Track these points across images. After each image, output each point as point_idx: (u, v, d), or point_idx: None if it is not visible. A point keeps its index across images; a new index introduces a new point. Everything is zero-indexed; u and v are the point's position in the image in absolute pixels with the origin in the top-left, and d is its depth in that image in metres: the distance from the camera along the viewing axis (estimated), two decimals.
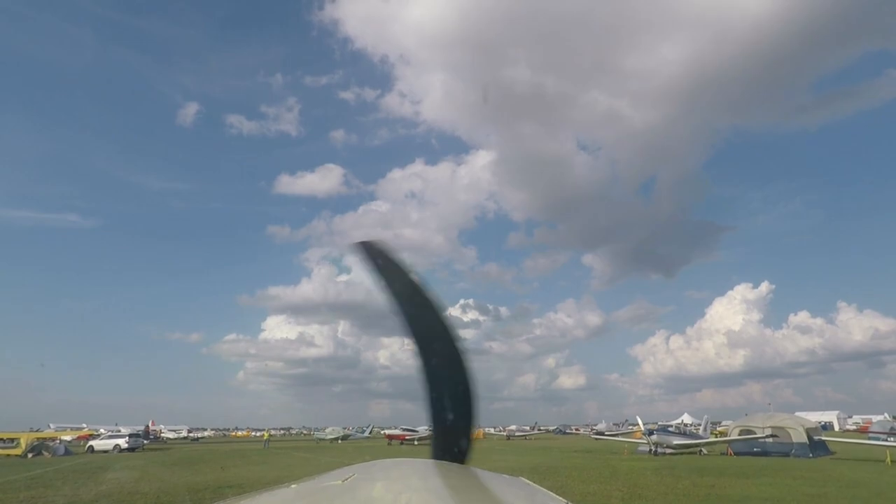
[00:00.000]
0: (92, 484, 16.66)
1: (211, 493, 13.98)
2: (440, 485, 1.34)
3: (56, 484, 16.70)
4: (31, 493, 14.22)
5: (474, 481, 1.50)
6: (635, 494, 13.27)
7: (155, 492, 14.22)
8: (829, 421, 73.42)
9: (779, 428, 27.95)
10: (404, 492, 1.17)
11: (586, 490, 14.10)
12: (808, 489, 13.99)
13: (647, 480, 16.24)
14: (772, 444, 27.50)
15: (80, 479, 18.06)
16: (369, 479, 1.37)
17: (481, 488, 1.42)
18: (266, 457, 30.84)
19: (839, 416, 79.46)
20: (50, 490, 15.04)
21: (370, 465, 1.62)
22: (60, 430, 53.13)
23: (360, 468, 1.52)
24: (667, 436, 31.84)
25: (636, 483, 15.53)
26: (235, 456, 32.36)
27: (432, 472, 1.52)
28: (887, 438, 31.44)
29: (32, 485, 16.30)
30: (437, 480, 1.41)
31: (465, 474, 1.56)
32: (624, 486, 14.94)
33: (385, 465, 1.64)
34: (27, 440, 36.21)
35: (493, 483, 1.50)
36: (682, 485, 15.05)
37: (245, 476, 18.26)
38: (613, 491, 13.91)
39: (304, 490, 1.29)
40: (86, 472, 21.30)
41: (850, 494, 13.36)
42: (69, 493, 14.56)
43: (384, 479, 1.36)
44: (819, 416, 64.13)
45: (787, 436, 27.42)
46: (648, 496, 13.05)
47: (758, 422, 29.67)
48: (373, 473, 1.46)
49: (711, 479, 16.21)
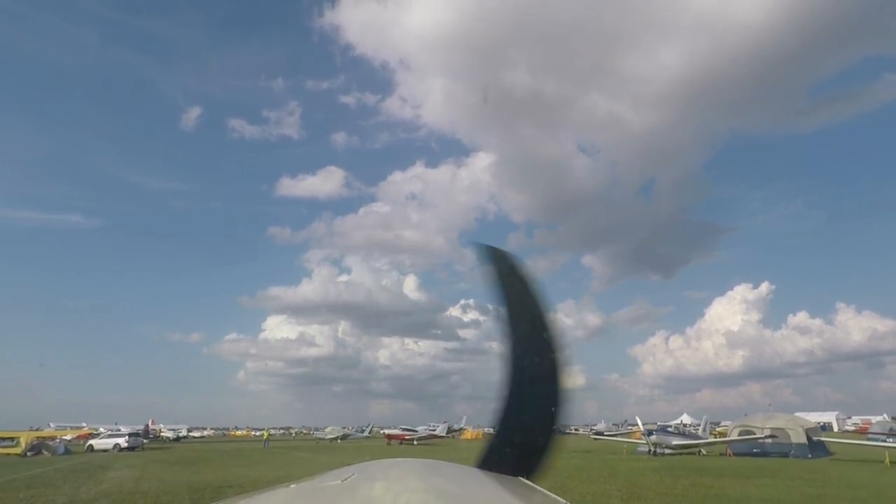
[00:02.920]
0: (92, 483, 16.67)
1: (211, 492, 13.99)
2: (439, 485, 1.35)
3: (56, 483, 16.71)
4: (31, 493, 14.23)
5: (474, 481, 1.51)
6: (634, 495, 13.28)
7: (155, 491, 14.23)
8: (829, 422, 73.25)
9: (778, 429, 27.94)
10: (404, 492, 1.18)
11: (585, 490, 14.10)
12: (807, 490, 14.00)
13: (646, 481, 16.25)
14: (771, 444, 27.47)
15: (80, 479, 18.07)
16: (369, 479, 1.38)
17: (481, 488, 1.43)
18: (266, 456, 30.83)
19: (838, 416, 79.27)
20: (50, 489, 15.04)
21: (370, 465, 1.63)
22: (60, 429, 53.01)
23: (359, 468, 1.53)
24: (666, 436, 31.83)
25: (635, 483, 15.54)
26: (235, 455, 32.35)
27: (431, 472, 1.53)
28: (886, 439, 31.40)
29: (32, 484, 16.31)
30: (436, 480, 1.42)
31: (464, 474, 1.57)
32: (623, 486, 14.95)
33: (384, 465, 1.65)
34: (27, 439, 36.15)
35: (492, 483, 1.51)
36: (681, 485, 15.06)
37: (245, 476, 18.25)
38: (613, 491, 13.92)
39: (303, 490, 1.30)
40: (86, 471, 21.30)
41: (850, 495, 13.37)
42: (69, 492, 14.56)
43: (384, 479, 1.37)
44: (818, 417, 63.93)
45: (787, 436, 27.41)
46: (647, 496, 13.06)
47: (757, 422, 29.66)
48: (372, 473, 1.47)
49: (710, 480, 16.21)
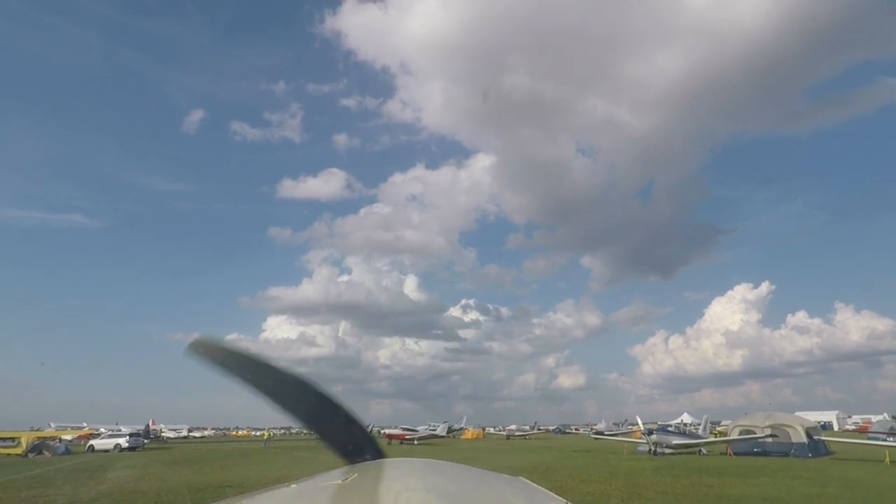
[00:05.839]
0: (92, 483, 16.68)
1: (211, 492, 13.99)
2: (440, 485, 1.35)
3: (57, 483, 16.72)
4: (31, 493, 14.23)
5: (474, 481, 1.51)
6: (635, 494, 13.28)
7: (156, 491, 14.24)
8: (829, 421, 73.27)
9: (778, 428, 27.93)
10: (404, 492, 1.18)
11: (586, 490, 14.11)
12: (808, 489, 14.00)
13: (646, 480, 16.25)
14: (771, 444, 27.48)
15: (80, 479, 18.08)
16: (369, 479, 1.37)
17: (481, 488, 1.43)
18: (266, 456, 30.84)
19: (839, 416, 79.31)
20: (51, 489, 15.05)
21: (370, 465, 1.63)
22: (61, 429, 53.07)
23: (360, 468, 1.53)
24: (666, 435, 31.80)
25: (636, 483, 15.54)
26: (236, 455, 32.36)
27: (432, 471, 1.53)
28: (887, 438, 31.41)
29: (33, 484, 16.31)
30: (436, 480, 1.41)
31: (464, 474, 1.57)
32: (623, 485, 14.95)
33: (385, 464, 1.65)
34: (28, 439, 36.16)
35: (492, 483, 1.51)
36: (681, 485, 15.06)
37: (245, 476, 18.26)
38: (613, 491, 13.92)
39: (303, 490, 1.30)
40: (86, 471, 21.31)
41: (850, 494, 13.38)
42: (70, 492, 14.57)
43: (384, 479, 1.37)
44: (818, 416, 63.98)
45: (787, 436, 27.41)
46: (648, 496, 13.06)
47: (757, 421, 29.63)
48: (373, 473, 1.47)
49: (711, 479, 16.22)
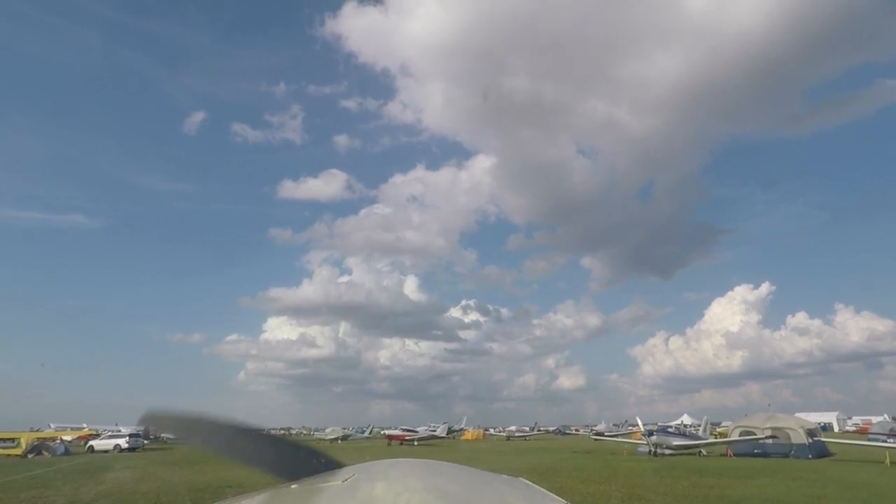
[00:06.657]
0: (92, 484, 16.67)
1: (211, 492, 13.98)
2: (440, 485, 1.35)
3: (56, 484, 16.70)
4: (31, 493, 14.22)
5: (474, 482, 1.50)
6: (635, 495, 13.27)
7: (155, 492, 14.23)
8: (829, 422, 73.22)
9: (778, 429, 27.93)
10: (404, 492, 1.18)
11: (586, 490, 14.10)
12: (808, 490, 14.00)
13: (646, 481, 16.24)
14: (771, 444, 27.46)
15: (80, 479, 18.06)
16: (369, 479, 1.37)
17: (481, 489, 1.43)
18: None
19: (839, 417, 79.24)
20: (50, 490, 15.03)
21: (370, 465, 1.63)
22: (61, 429, 52.99)
23: (360, 468, 1.52)
24: (666, 436, 31.77)
25: (636, 484, 15.54)
26: None
27: (432, 472, 1.53)
28: (887, 440, 31.38)
29: (33, 485, 16.29)
30: (436, 480, 1.41)
31: (464, 475, 1.56)
32: (623, 486, 14.95)
33: (385, 465, 1.65)
34: (27, 440, 36.12)
35: (492, 483, 1.51)
36: (681, 485, 15.05)
37: (245, 476, 18.24)
38: (613, 492, 13.92)
39: (304, 490, 1.30)
40: (86, 471, 21.29)
41: (850, 495, 13.38)
42: (70, 492, 14.56)
43: (384, 479, 1.37)
44: (819, 417, 63.84)
45: (787, 437, 27.40)
46: (648, 497, 13.05)
47: (757, 422, 29.62)
48: (373, 473, 1.47)
49: (711, 480, 16.21)
